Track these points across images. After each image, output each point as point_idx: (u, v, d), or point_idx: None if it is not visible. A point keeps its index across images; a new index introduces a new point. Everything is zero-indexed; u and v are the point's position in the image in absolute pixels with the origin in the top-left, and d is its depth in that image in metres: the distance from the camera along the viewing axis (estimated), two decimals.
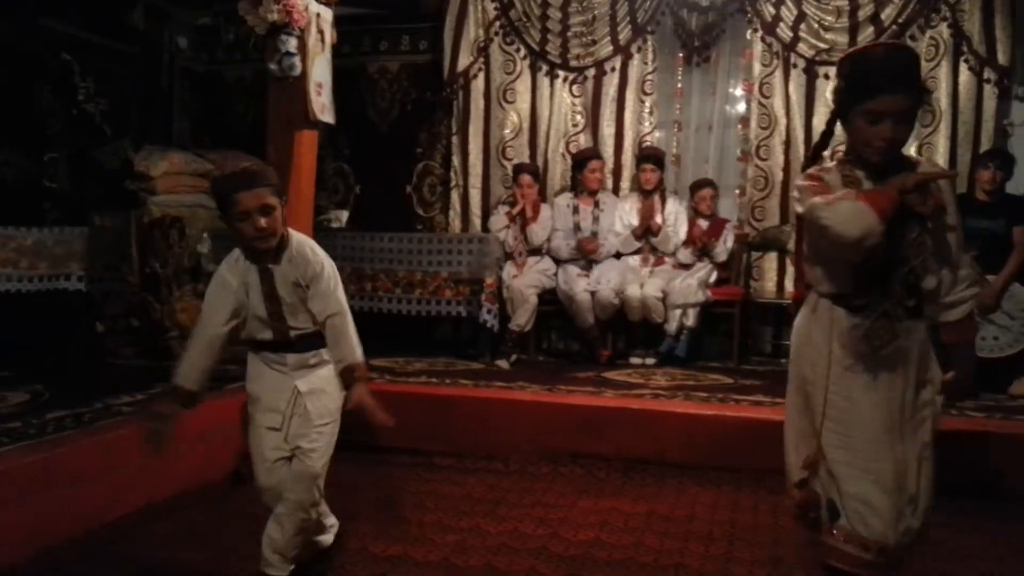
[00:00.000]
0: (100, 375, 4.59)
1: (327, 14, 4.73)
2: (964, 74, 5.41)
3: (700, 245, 5.48)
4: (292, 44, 4.54)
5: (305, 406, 2.50)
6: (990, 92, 5.36)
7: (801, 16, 5.60)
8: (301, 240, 2.51)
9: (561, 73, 6.15)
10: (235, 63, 6.97)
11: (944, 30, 5.43)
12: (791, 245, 5.32)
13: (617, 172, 6.07)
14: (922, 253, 2.00)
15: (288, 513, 2.49)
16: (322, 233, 5.09)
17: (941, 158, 5.42)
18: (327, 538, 2.77)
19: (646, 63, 6.00)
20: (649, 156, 5.65)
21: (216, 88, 7.04)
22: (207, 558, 2.93)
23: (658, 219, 5.49)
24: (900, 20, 5.45)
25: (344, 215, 6.36)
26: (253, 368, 2.59)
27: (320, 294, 2.46)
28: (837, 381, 2.10)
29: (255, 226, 2.34)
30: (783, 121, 5.77)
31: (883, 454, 2.06)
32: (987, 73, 5.34)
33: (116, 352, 5.14)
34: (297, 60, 4.54)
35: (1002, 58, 5.28)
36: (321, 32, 4.73)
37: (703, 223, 5.57)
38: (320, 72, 4.80)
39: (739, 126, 5.99)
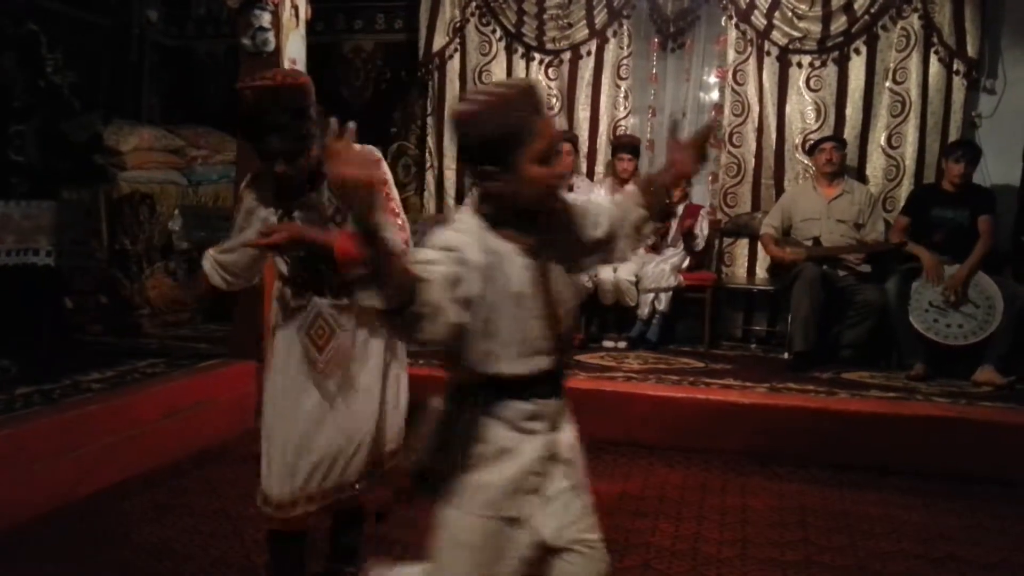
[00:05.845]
0: (69, 351, 4.53)
1: None
2: (934, 65, 5.45)
3: (682, 230, 5.43)
4: (266, 19, 4.48)
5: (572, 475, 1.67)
6: (959, 84, 5.40)
7: (775, 4, 5.61)
8: None
9: (537, 56, 6.12)
10: (207, 38, 6.87)
11: (915, 21, 5.47)
12: (762, 231, 5.36)
13: (592, 156, 6.07)
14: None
15: None
16: None
17: (910, 147, 5.48)
18: None
19: (622, 47, 5.99)
20: (625, 145, 5.61)
21: (187, 63, 6.92)
22: (173, 535, 2.94)
23: None
24: (872, 10, 5.49)
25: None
26: (490, 431, 1.58)
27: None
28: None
29: (561, 164, 1.56)
30: (756, 108, 5.79)
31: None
32: (956, 65, 5.38)
33: (85, 328, 5.08)
34: (271, 35, 4.48)
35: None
36: (295, 7, 4.67)
37: (677, 208, 5.58)
38: (294, 48, 4.73)
39: (712, 113, 6.02)
